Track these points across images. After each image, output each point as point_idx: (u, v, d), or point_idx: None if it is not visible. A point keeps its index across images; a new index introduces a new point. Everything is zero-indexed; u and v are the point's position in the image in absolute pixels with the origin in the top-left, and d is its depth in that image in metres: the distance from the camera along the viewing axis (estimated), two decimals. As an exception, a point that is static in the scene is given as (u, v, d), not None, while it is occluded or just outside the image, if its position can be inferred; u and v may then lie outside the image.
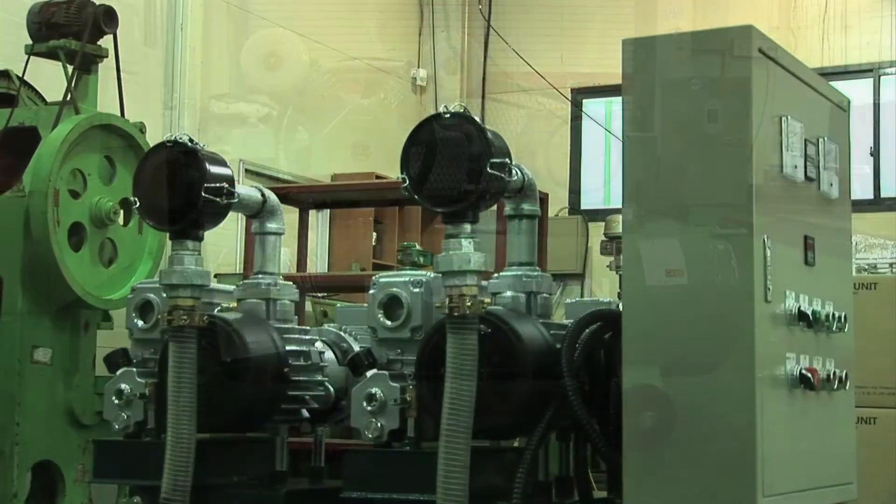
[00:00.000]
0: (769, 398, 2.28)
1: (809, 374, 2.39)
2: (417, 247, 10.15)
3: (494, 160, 2.48)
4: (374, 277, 2.77)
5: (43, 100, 6.27)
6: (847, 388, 2.58)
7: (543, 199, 2.99)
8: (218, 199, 2.78)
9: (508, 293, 2.75)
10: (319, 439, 3.23)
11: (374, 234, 10.87)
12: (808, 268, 2.49)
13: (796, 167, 2.46)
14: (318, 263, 10.42)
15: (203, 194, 2.76)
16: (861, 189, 9.45)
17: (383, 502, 2.63)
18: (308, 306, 8.23)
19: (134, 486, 2.93)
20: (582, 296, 9.87)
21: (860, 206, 8.38)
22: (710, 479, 2.25)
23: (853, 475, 2.66)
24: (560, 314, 2.92)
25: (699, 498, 2.27)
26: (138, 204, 2.84)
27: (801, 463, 2.41)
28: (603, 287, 10.02)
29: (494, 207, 3.02)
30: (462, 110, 2.54)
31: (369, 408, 2.64)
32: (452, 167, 2.50)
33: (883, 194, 9.84)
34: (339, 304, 3.52)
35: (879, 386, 5.11)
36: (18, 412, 6.12)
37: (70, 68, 5.81)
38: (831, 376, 2.49)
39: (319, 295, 8.62)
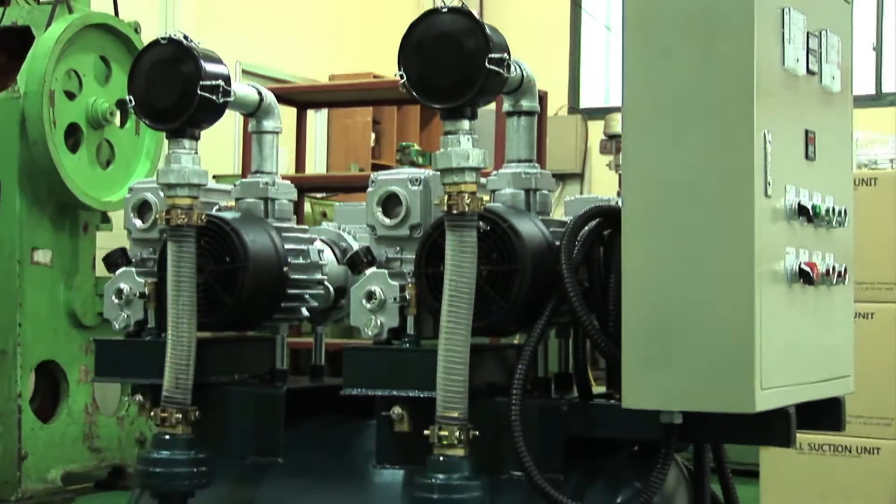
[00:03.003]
0: (768, 292, 2.28)
1: (808, 269, 2.38)
2: (416, 147, 10.11)
3: (493, 55, 2.45)
4: (372, 175, 2.76)
5: (35, -2, 6.20)
6: (846, 282, 2.58)
7: (542, 98, 2.96)
8: (214, 97, 2.76)
9: (507, 190, 2.74)
10: (319, 338, 3.25)
11: (373, 134, 10.82)
12: (809, 162, 2.47)
13: (798, 60, 2.43)
14: (316, 164, 10.39)
15: (199, 92, 2.74)
16: (863, 85, 9.40)
17: (383, 399, 2.65)
18: (307, 207, 8.25)
19: (135, 384, 2.95)
20: (581, 195, 9.86)
21: (862, 101, 8.35)
22: (709, 373, 2.27)
23: (850, 369, 2.67)
24: (559, 213, 2.91)
25: (697, 392, 2.28)
26: (133, 103, 2.81)
27: (798, 356, 2.42)
28: (602, 186, 10.01)
29: (493, 105, 2.99)
30: (460, 5, 2.50)
31: (368, 306, 2.65)
32: (450, 63, 2.48)
33: (884, 90, 9.79)
34: (337, 205, 3.51)
35: (877, 281, 5.13)
36: (20, 313, 6.17)
37: (62, -34, 5.74)
38: (830, 271, 2.48)
39: (318, 195, 8.62)
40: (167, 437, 2.74)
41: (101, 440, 6.75)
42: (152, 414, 2.79)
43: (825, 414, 2.61)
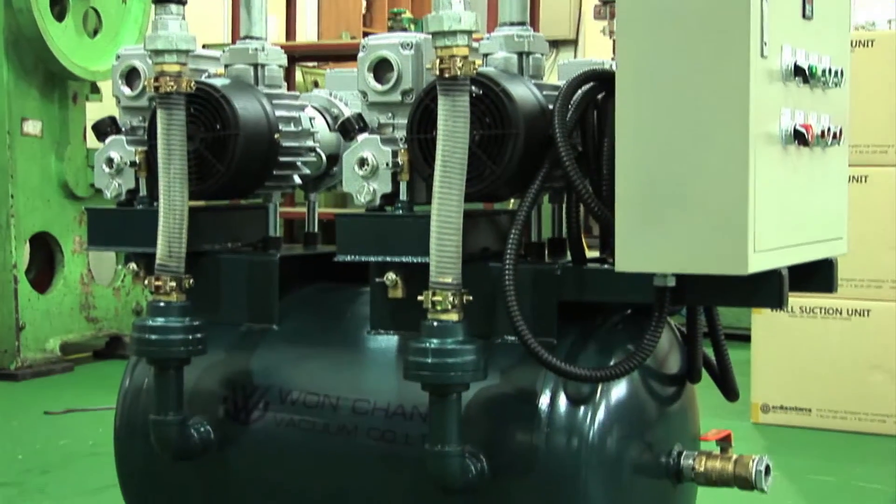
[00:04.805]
0: (762, 154, 2.26)
1: (804, 130, 2.36)
2: (408, 13, 9.97)
3: (484, -86, 2.39)
4: (363, 40, 2.72)
5: None
6: (841, 143, 2.56)
7: (535, -41, 2.91)
8: (200, -39, 2.70)
9: (500, 53, 2.71)
10: (312, 206, 3.25)
11: (364, 1, 10.66)
12: (806, 21, 2.43)
13: (796, -84, 2.37)
14: (307, 32, 10.27)
15: (183, -45, 2.69)
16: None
17: (377, 265, 2.66)
18: (298, 76, 8.17)
19: (129, 252, 2.95)
20: (575, 61, 9.74)
21: (859, -37, 8.21)
22: (702, 235, 2.26)
23: (843, 231, 2.67)
24: (553, 80, 2.88)
25: (691, 255, 2.28)
26: (118, -33, 2.75)
27: (792, 218, 2.41)
28: (596, 53, 9.90)
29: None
30: None
31: (361, 172, 2.64)
32: (441, -79, 2.42)
33: (883, -49, 9.62)
34: (328, 71, 3.47)
35: (872, 144, 5.12)
36: (12, 184, 6.16)
37: None
38: (826, 132, 2.46)
39: (309, 64, 8.53)
40: (162, 304, 2.75)
41: (97, 310, 6.82)
42: (146, 282, 2.79)
43: (817, 275, 2.61)
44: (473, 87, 2.50)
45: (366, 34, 9.62)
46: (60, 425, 5.41)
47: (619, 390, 2.57)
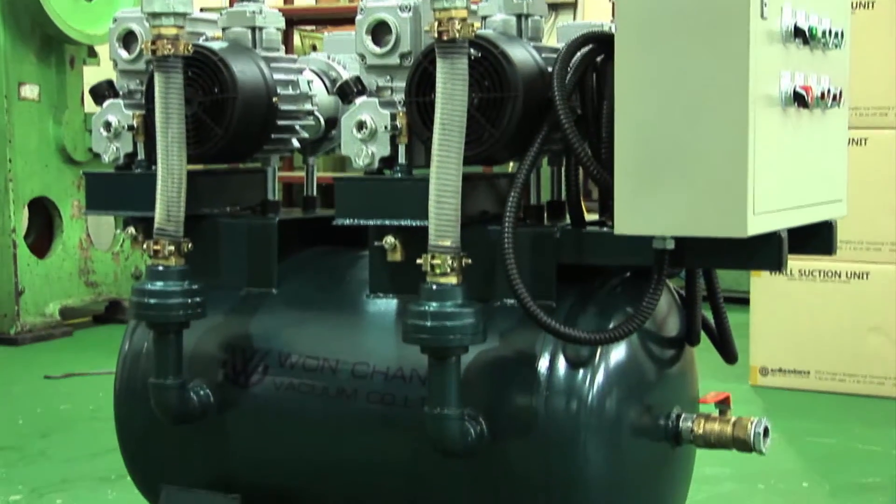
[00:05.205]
0: (762, 117, 2.25)
1: (804, 92, 2.35)
2: (406, -24, 9.89)
3: None
4: (361, 3, 2.70)
5: None
6: (840, 105, 2.55)
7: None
8: (196, -78, 2.69)
9: (498, 16, 2.69)
10: (311, 169, 3.24)
11: (362, -37, 10.59)
12: (806, -18, 2.42)
13: None
14: (305, -5, 10.19)
15: (180, -83, 2.67)
16: None
17: (376, 229, 2.65)
18: (297, 40, 8.14)
19: (127, 217, 2.95)
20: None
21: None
22: (701, 198, 2.25)
23: (843, 193, 2.67)
24: (552, 42, 2.87)
25: (690, 217, 2.28)
26: (114, -71, 2.73)
27: (792, 181, 2.40)
28: (595, 16, 9.87)
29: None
30: None
31: (359, 135, 2.63)
32: None
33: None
34: (326, 34, 3.45)
35: (871, 107, 5.10)
36: (10, 149, 6.15)
37: None
38: (825, 94, 2.45)
39: (308, 28, 8.51)
40: (160, 268, 2.74)
41: (96, 275, 6.82)
42: (145, 246, 2.79)
43: (817, 238, 2.61)
44: (472, 50, 2.49)
45: (364, -3, 9.60)
46: (60, 389, 5.42)
47: (618, 353, 2.58)
